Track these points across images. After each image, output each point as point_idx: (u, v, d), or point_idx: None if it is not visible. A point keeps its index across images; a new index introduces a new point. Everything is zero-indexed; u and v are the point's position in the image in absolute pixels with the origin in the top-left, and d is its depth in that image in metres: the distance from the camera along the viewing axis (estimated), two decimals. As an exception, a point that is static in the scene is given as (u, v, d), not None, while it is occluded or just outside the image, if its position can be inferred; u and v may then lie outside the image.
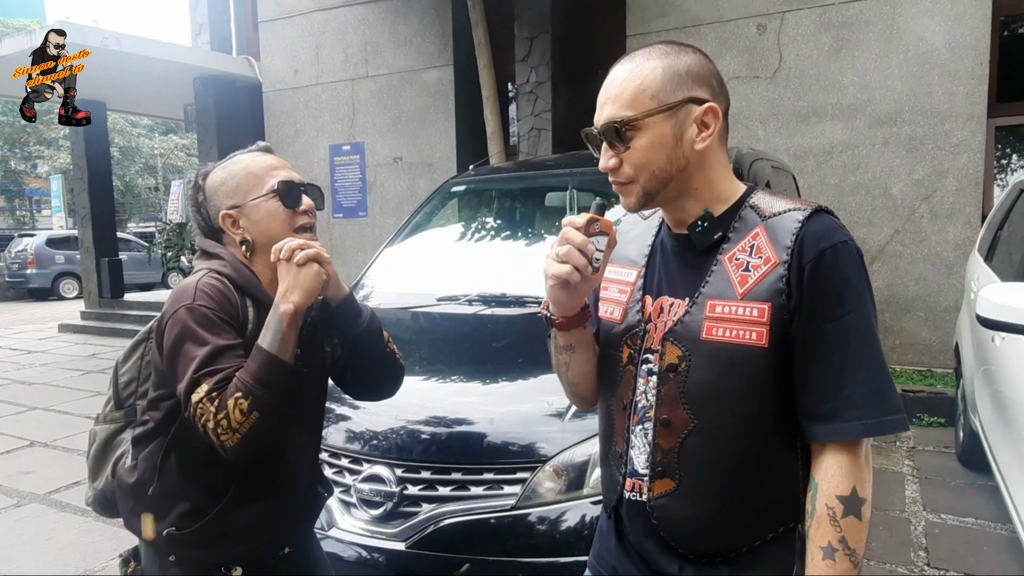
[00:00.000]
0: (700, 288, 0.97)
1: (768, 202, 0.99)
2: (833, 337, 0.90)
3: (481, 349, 2.30)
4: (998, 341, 2.63)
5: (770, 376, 0.93)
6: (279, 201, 1.22)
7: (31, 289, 14.25)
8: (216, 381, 1.08)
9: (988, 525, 2.97)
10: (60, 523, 3.27)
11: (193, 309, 1.13)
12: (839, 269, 0.90)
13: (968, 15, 4.82)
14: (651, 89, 0.94)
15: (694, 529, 0.98)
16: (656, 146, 0.95)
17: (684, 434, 0.96)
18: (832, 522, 0.89)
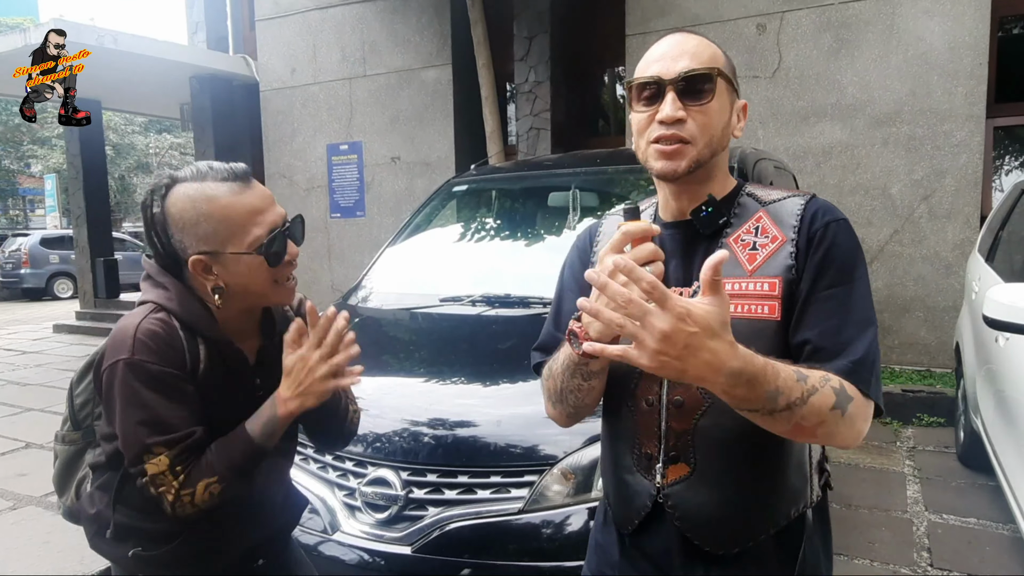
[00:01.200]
0: None
1: (763, 191, 1.03)
2: (841, 299, 0.92)
3: (485, 350, 2.28)
4: (1002, 341, 2.63)
5: (782, 349, 0.93)
6: (264, 261, 1.08)
7: (25, 289, 14.16)
8: (177, 453, 1.03)
9: (990, 525, 2.96)
10: (56, 526, 3.24)
11: (133, 365, 1.03)
12: (845, 240, 0.94)
13: (967, 15, 4.83)
14: (721, 62, 0.98)
15: (710, 516, 0.96)
16: (723, 112, 0.97)
17: (698, 415, 0.96)
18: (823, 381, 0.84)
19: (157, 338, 1.05)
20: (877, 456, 3.85)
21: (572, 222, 2.79)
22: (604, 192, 2.98)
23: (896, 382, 4.74)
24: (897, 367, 5.12)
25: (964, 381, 3.60)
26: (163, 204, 1.08)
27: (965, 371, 3.57)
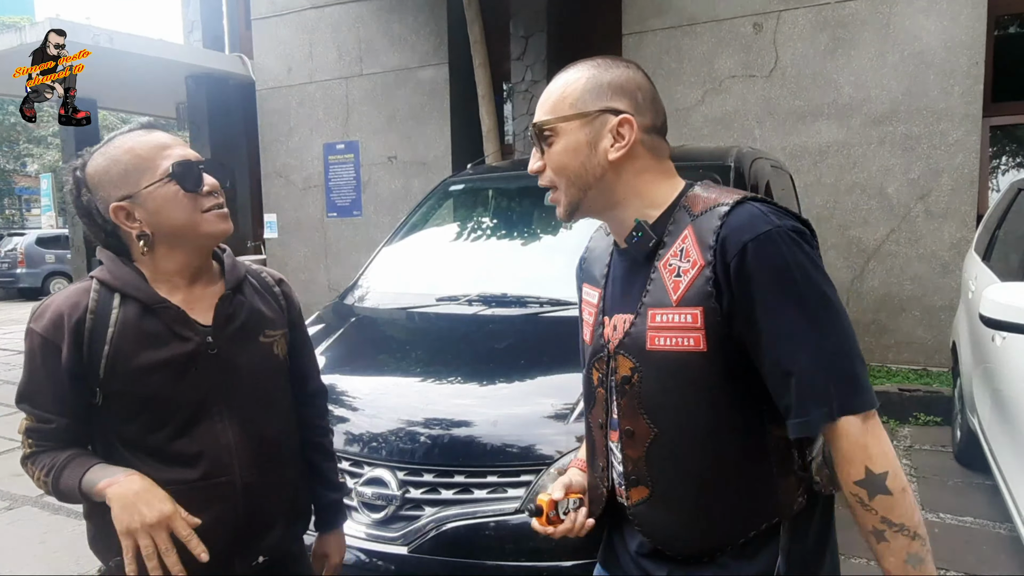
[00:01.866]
0: (642, 299, 0.97)
1: (700, 197, 0.97)
2: (774, 331, 0.87)
3: (482, 350, 2.28)
4: (998, 340, 2.63)
5: (716, 380, 0.92)
6: (178, 185, 1.08)
7: (21, 289, 14.12)
8: (34, 428, 1.13)
9: (987, 524, 2.97)
10: (53, 526, 3.23)
11: (29, 332, 1.12)
12: (763, 260, 0.87)
13: (963, 15, 4.83)
14: (571, 97, 0.98)
15: (674, 532, 0.99)
16: (570, 151, 0.98)
17: (648, 443, 0.98)
18: (864, 508, 0.88)
19: (57, 310, 1.10)
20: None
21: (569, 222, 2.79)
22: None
23: (893, 381, 4.75)
24: (894, 366, 5.13)
25: (961, 380, 3.61)
26: (82, 173, 1.13)
27: (962, 370, 3.57)
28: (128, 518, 1.02)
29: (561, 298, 2.37)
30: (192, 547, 1.04)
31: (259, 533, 1.20)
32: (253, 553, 1.21)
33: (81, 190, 1.12)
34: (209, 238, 1.14)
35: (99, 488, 1.05)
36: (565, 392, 1.87)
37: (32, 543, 3.08)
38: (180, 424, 1.13)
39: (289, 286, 1.36)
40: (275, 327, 1.24)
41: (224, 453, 1.14)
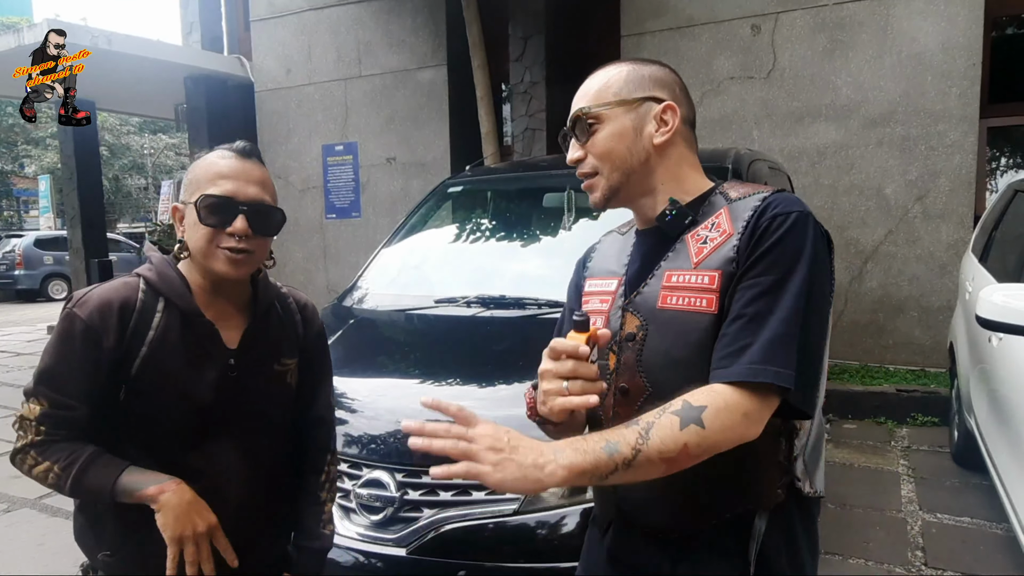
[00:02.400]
0: (660, 262, 1.00)
1: (737, 189, 1.02)
2: (756, 294, 0.89)
3: (480, 352, 2.28)
4: (995, 341, 2.64)
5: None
6: (198, 216, 1.11)
7: (19, 290, 14.09)
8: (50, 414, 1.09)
9: (984, 524, 2.98)
10: (51, 528, 3.23)
11: (69, 315, 1.10)
12: (778, 231, 0.91)
13: (961, 17, 4.85)
14: (614, 87, 1.02)
15: (648, 500, 1.00)
16: (616, 136, 1.01)
17: (640, 401, 0.98)
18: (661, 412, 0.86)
19: (105, 300, 1.10)
20: (872, 456, 3.86)
21: (567, 223, 2.80)
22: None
23: (890, 382, 4.76)
24: (891, 367, 5.13)
25: (958, 381, 3.62)
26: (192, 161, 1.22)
27: (959, 371, 3.58)
28: (181, 527, 1.07)
29: (560, 300, 2.37)
30: (228, 557, 1.13)
31: (244, 549, 1.20)
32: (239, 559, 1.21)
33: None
34: (213, 272, 1.15)
35: (148, 493, 1.07)
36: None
37: (30, 546, 3.08)
38: (188, 438, 1.15)
39: (313, 310, 1.36)
40: (290, 356, 1.26)
41: (223, 473, 1.16)
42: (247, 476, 1.19)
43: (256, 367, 1.20)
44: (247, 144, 1.19)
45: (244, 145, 1.19)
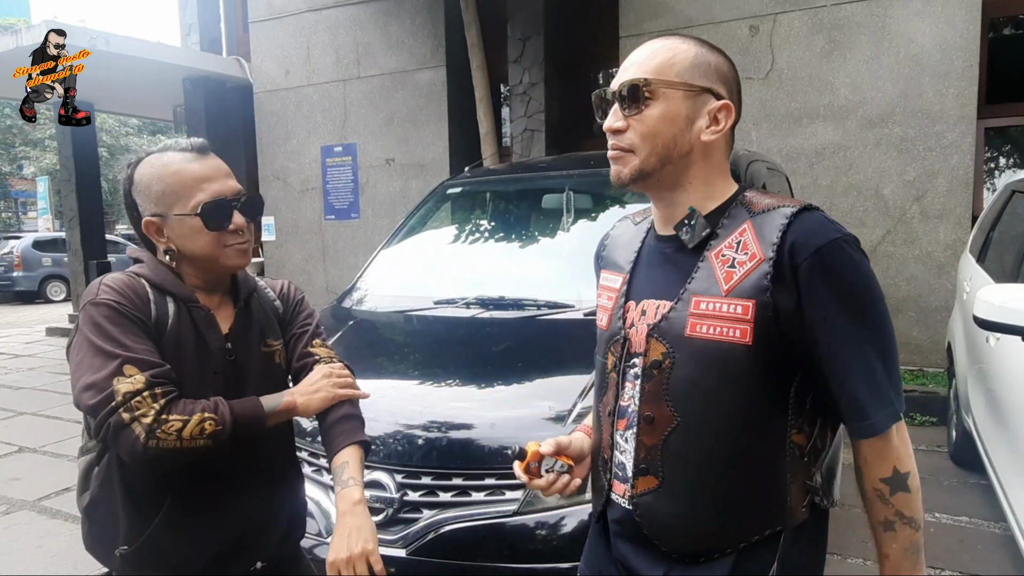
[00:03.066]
0: (686, 285, 0.96)
1: (758, 199, 0.98)
2: (845, 334, 0.90)
3: (480, 353, 2.29)
4: (992, 341, 2.65)
5: (755, 374, 0.92)
6: (202, 223, 1.14)
7: (17, 292, 14.08)
8: (153, 375, 1.05)
9: (982, 524, 2.99)
10: (51, 530, 3.23)
11: (98, 304, 1.08)
12: (836, 265, 0.89)
13: (958, 17, 4.86)
14: (679, 66, 0.95)
15: (676, 527, 0.98)
16: (668, 119, 0.94)
17: (667, 431, 0.96)
18: (883, 502, 0.94)
19: (123, 284, 1.13)
20: (870, 455, 3.86)
21: (566, 224, 2.80)
22: (598, 194, 2.99)
23: (889, 382, 4.76)
24: (890, 367, 5.14)
25: (956, 381, 3.63)
26: (133, 172, 1.19)
27: (957, 371, 3.59)
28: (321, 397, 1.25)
29: (559, 301, 2.38)
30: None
31: (257, 539, 1.24)
32: (251, 558, 1.25)
33: (131, 187, 1.19)
34: (226, 269, 1.23)
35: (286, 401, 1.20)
36: (563, 394, 1.88)
37: (29, 547, 3.07)
38: None
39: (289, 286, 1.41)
40: (275, 338, 1.31)
41: (232, 457, 1.17)
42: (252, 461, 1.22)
43: (248, 350, 1.25)
44: (201, 140, 1.21)
45: (200, 142, 1.21)
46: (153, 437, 1.01)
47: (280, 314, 1.36)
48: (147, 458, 1.03)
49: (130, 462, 1.07)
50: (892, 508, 0.94)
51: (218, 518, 1.20)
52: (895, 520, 0.94)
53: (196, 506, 1.17)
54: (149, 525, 1.15)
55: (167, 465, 1.06)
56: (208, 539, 1.19)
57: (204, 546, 1.19)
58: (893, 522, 0.94)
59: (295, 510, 1.36)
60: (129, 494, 1.15)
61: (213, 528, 1.19)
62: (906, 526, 0.94)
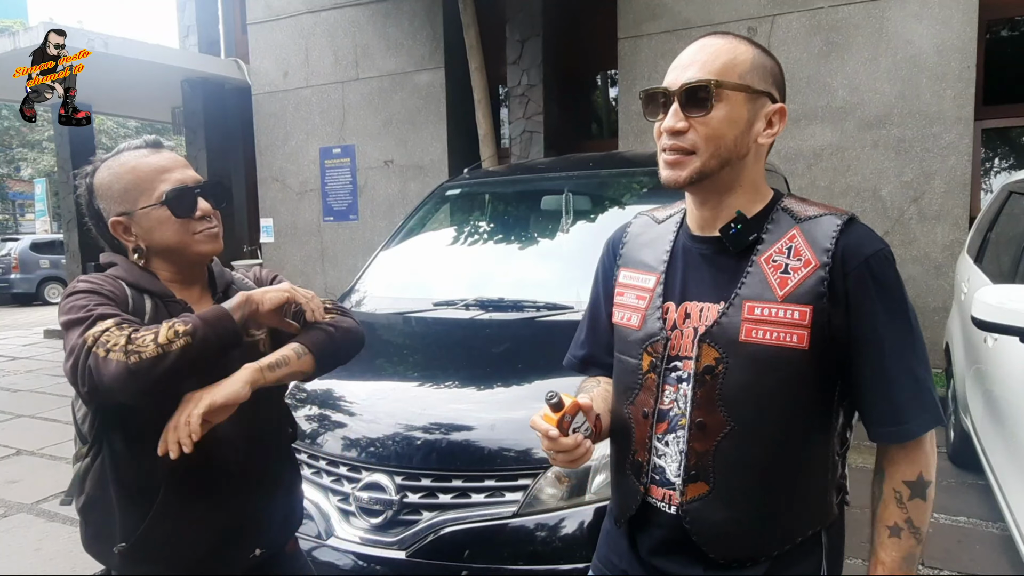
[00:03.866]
0: (736, 290, 0.96)
1: (800, 206, 1.00)
2: (891, 341, 0.93)
3: (479, 354, 2.29)
4: (990, 342, 2.65)
5: (809, 379, 0.94)
6: (169, 211, 1.16)
7: (15, 294, 14.04)
8: (122, 319, 1.03)
9: (980, 524, 2.99)
10: (48, 533, 3.22)
11: (75, 290, 1.10)
12: (884, 275, 0.94)
13: (955, 19, 4.88)
14: (741, 68, 0.95)
15: (727, 532, 0.98)
16: (732, 122, 0.94)
17: (720, 437, 0.96)
18: (899, 504, 0.95)
19: (99, 278, 1.15)
20: (869, 456, 3.84)
21: (565, 225, 2.81)
22: (597, 196, 2.99)
23: (887, 382, 4.77)
24: (888, 367, 5.15)
25: (954, 381, 3.63)
26: (91, 180, 1.20)
27: (955, 371, 3.60)
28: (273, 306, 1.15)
29: (558, 302, 2.38)
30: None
31: (255, 525, 1.25)
32: (251, 545, 1.25)
33: (92, 196, 1.20)
34: (199, 256, 1.22)
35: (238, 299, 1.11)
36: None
37: (27, 550, 3.07)
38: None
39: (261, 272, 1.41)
40: (256, 327, 1.26)
41: (222, 444, 1.17)
42: (246, 447, 1.23)
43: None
44: (154, 137, 1.24)
45: (153, 138, 1.23)
46: (133, 354, 0.98)
47: None
48: (137, 376, 0.97)
49: (123, 392, 0.99)
50: (905, 513, 0.95)
51: (212, 508, 1.19)
52: (904, 527, 0.95)
53: (189, 497, 1.16)
54: (144, 519, 1.14)
55: (160, 380, 0.99)
56: (204, 529, 1.19)
57: (200, 536, 1.18)
58: (901, 529, 0.95)
59: (292, 497, 1.36)
60: (123, 490, 1.16)
61: (208, 518, 1.19)
62: (912, 536, 0.95)
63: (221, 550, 1.21)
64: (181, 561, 1.18)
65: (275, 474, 1.30)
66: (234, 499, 1.21)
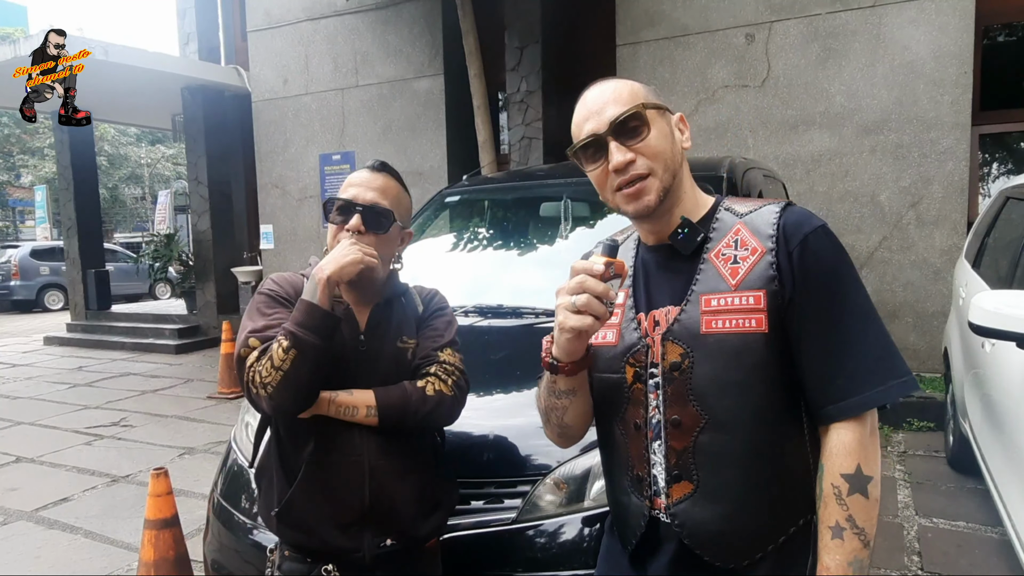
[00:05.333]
0: (692, 287, 0.99)
1: (740, 204, 1.05)
2: (828, 317, 0.94)
3: (478, 361, 2.28)
4: (988, 347, 2.66)
5: (774, 362, 0.95)
6: (326, 215, 1.39)
7: (15, 301, 14.05)
8: (264, 345, 1.26)
9: (979, 528, 2.99)
10: (48, 541, 3.22)
11: (261, 292, 1.38)
12: (823, 251, 0.95)
13: (952, 25, 4.91)
14: (641, 94, 1.02)
15: (718, 530, 0.97)
16: (665, 136, 1.01)
17: (696, 431, 0.97)
18: (838, 501, 0.91)
19: (283, 278, 1.42)
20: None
21: (564, 232, 2.82)
22: (595, 202, 3.00)
23: (887, 387, 4.77)
24: (888, 372, 5.15)
25: (953, 386, 3.64)
26: None
27: (954, 376, 3.60)
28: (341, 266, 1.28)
29: (556, 308, 2.38)
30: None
31: (387, 516, 1.35)
32: (382, 534, 1.35)
33: None
34: None
35: (315, 274, 1.27)
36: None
37: (27, 558, 3.06)
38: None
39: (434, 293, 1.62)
40: (411, 336, 1.46)
41: (355, 435, 1.33)
42: (378, 440, 1.34)
43: (381, 343, 1.40)
44: (378, 161, 1.48)
45: (378, 162, 1.47)
46: (268, 386, 1.21)
47: (420, 315, 1.51)
48: (280, 402, 1.23)
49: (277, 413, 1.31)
50: (846, 510, 0.90)
51: (343, 492, 1.32)
52: (846, 526, 0.90)
53: (325, 475, 1.32)
54: (289, 490, 1.32)
55: (296, 390, 1.22)
56: (334, 509, 1.32)
57: (331, 515, 1.32)
58: (844, 529, 0.90)
59: (427, 491, 1.42)
60: (280, 461, 1.37)
61: (338, 501, 1.32)
62: (855, 537, 0.90)
63: (350, 532, 1.33)
64: (316, 534, 1.32)
65: (406, 469, 1.38)
66: (366, 490, 1.32)
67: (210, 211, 8.57)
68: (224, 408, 5.55)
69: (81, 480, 3.97)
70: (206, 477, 3.84)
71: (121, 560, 3.00)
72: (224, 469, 2.13)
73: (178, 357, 8.15)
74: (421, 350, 1.44)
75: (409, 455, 1.40)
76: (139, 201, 29.43)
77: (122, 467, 4.18)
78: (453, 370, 1.43)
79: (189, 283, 9.12)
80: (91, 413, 5.43)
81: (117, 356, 8.30)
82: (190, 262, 9.27)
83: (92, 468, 4.18)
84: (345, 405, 1.31)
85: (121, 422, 5.15)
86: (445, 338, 1.48)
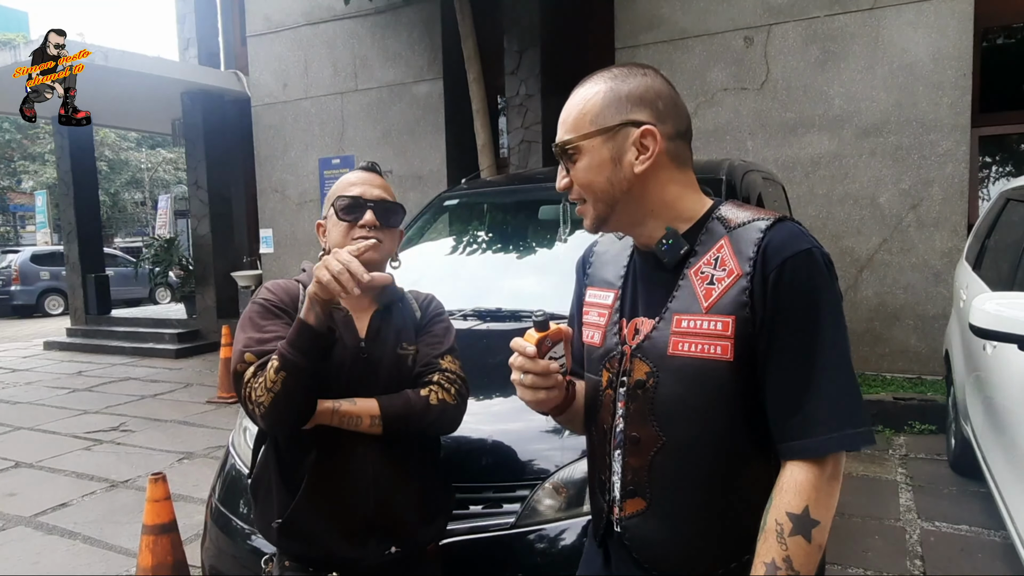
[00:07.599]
0: (668, 304, 0.96)
1: (734, 213, 0.97)
2: (796, 351, 0.89)
3: (477, 365, 2.27)
4: (989, 349, 2.65)
5: (738, 391, 0.91)
6: (336, 215, 1.37)
7: (15, 306, 14.06)
8: (261, 361, 1.24)
9: (982, 532, 2.98)
10: (47, 546, 3.21)
11: (255, 301, 1.35)
12: (800, 280, 0.88)
13: (951, 27, 4.91)
14: (591, 114, 0.97)
15: (665, 550, 0.97)
16: (595, 168, 0.97)
17: (653, 451, 0.96)
18: (779, 538, 0.86)
19: (278, 286, 1.40)
20: (869, 464, 3.86)
21: (563, 235, 2.81)
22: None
23: (887, 390, 4.77)
24: (888, 375, 5.14)
25: (954, 388, 3.63)
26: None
27: (955, 378, 3.59)
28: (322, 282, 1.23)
29: (556, 313, 2.38)
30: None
31: (391, 523, 1.35)
32: (387, 542, 1.35)
33: None
34: None
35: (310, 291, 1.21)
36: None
37: (25, 564, 3.05)
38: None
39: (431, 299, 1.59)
40: (410, 342, 1.45)
41: (359, 444, 1.32)
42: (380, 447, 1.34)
43: (382, 349, 1.39)
44: (372, 162, 1.49)
45: (369, 163, 1.48)
46: (261, 405, 1.20)
47: (417, 321, 1.50)
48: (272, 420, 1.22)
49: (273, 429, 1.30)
50: (784, 550, 0.85)
51: (347, 502, 1.31)
52: (781, 566, 0.84)
53: (330, 485, 1.31)
54: (293, 500, 1.31)
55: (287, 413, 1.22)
56: (340, 519, 1.31)
57: (336, 524, 1.31)
58: (778, 568, 0.84)
59: (430, 498, 1.42)
60: (281, 471, 1.34)
61: (343, 510, 1.31)
62: None
63: (356, 541, 1.32)
64: (321, 544, 1.32)
65: (410, 476, 1.38)
66: (369, 497, 1.32)
67: (210, 215, 8.57)
68: (223, 413, 5.54)
69: (80, 485, 3.96)
70: (205, 482, 3.82)
71: (120, 565, 2.99)
72: (222, 474, 2.12)
73: (178, 361, 8.14)
74: (422, 357, 1.43)
75: (411, 461, 1.40)
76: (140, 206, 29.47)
77: (121, 472, 4.17)
78: (455, 378, 1.42)
79: (189, 287, 9.12)
80: (90, 418, 5.42)
81: (117, 360, 8.30)
82: (190, 266, 9.27)
83: (91, 473, 4.17)
84: (349, 415, 1.30)
85: (120, 427, 5.14)
86: (445, 345, 1.47)
